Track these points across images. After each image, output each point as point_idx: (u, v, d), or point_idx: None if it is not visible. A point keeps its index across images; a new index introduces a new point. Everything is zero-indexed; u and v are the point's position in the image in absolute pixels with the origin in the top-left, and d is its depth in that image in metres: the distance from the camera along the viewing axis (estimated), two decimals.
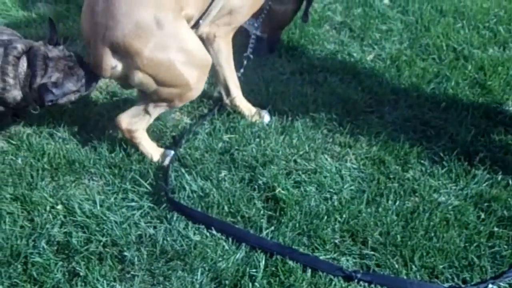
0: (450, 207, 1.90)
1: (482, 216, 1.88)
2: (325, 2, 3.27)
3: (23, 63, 2.00)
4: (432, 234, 1.81)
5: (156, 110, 2.10)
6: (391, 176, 2.05)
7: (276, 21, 2.63)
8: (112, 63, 1.93)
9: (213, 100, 2.40)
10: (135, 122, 2.08)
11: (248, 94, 2.41)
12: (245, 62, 2.40)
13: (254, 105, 2.38)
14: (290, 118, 2.32)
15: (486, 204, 1.93)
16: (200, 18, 2.08)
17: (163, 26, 1.89)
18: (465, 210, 1.89)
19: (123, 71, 1.95)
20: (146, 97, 2.05)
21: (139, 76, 1.94)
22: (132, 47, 1.88)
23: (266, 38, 2.71)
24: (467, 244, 1.78)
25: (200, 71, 2.03)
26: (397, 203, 1.92)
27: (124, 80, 2.00)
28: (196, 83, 2.03)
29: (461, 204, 1.92)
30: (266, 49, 2.74)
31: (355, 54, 2.79)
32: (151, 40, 1.88)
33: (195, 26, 2.11)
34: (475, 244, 1.78)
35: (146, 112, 2.08)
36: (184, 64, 1.96)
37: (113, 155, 2.13)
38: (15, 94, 2.01)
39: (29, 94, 2.02)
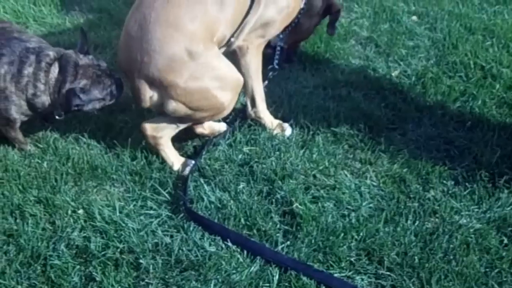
0: (471, 230, 1.86)
1: (505, 241, 1.83)
2: (352, 17, 3.27)
3: (55, 70, 2.07)
4: (451, 257, 1.76)
5: (184, 124, 2.14)
6: (412, 196, 2.01)
7: (300, 34, 2.65)
8: (150, 94, 2.01)
9: (235, 112, 2.42)
10: (161, 129, 2.12)
11: (271, 106, 2.42)
12: (270, 74, 2.42)
13: (276, 117, 2.39)
14: (311, 132, 2.31)
15: (509, 228, 1.87)
16: (232, 35, 2.12)
17: (195, 57, 1.95)
18: (487, 234, 1.84)
19: (158, 100, 2.03)
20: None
21: (173, 105, 2.01)
22: (167, 80, 1.95)
23: (286, 49, 2.72)
24: (487, 270, 1.73)
25: (233, 92, 2.10)
26: (416, 223, 1.89)
27: (159, 108, 2.07)
28: (229, 104, 2.10)
29: (483, 227, 1.87)
30: (283, 59, 2.75)
31: (380, 70, 2.76)
32: (184, 72, 1.94)
33: (227, 43, 2.14)
34: (496, 270, 1.73)
35: (174, 122, 2.12)
36: (218, 89, 2.02)
37: (134, 162, 2.17)
38: (44, 99, 2.08)
39: (57, 100, 2.08)
